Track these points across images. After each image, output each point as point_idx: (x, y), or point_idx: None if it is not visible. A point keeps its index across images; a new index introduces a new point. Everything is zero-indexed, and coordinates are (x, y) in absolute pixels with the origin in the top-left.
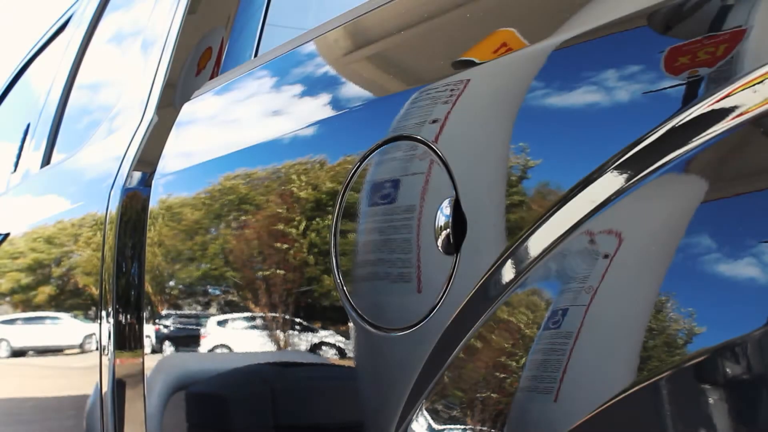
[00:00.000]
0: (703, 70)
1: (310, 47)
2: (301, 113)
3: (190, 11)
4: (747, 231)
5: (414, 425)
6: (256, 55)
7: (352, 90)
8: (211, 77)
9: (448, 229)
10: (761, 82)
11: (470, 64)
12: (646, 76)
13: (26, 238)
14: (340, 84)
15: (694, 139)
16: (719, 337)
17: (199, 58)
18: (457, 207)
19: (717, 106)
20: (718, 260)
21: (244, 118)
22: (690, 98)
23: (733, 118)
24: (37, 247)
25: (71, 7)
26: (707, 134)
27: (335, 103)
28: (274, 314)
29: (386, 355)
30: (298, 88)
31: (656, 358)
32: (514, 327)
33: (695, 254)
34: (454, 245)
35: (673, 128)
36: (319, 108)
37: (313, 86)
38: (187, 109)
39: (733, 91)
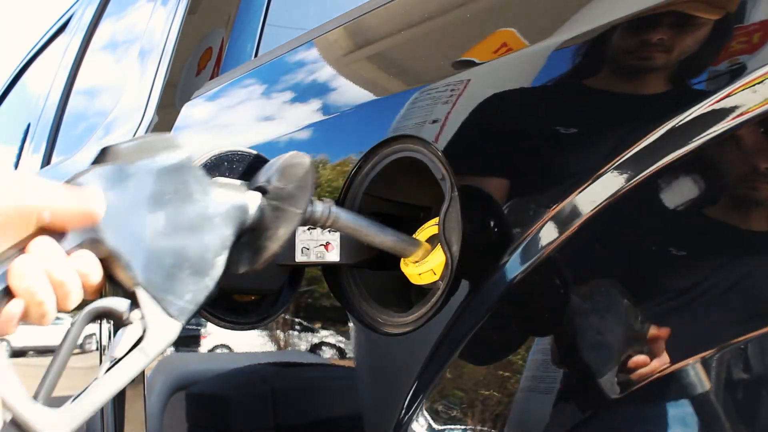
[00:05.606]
0: (703, 70)
1: (311, 47)
2: (301, 113)
3: (190, 12)
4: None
5: (414, 425)
6: (256, 55)
7: (352, 90)
8: (212, 77)
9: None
10: (761, 82)
11: (470, 64)
12: (646, 76)
13: None
14: (339, 84)
15: (694, 139)
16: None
17: (200, 59)
18: (457, 207)
19: (717, 106)
20: (715, 261)
21: (244, 118)
22: (690, 98)
23: (734, 118)
24: None
25: (71, 7)
26: (707, 134)
27: (335, 103)
28: None
29: (386, 355)
30: (299, 88)
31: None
32: (515, 327)
33: (695, 254)
34: (454, 246)
35: (673, 128)
36: (319, 108)
37: (313, 86)
38: (188, 110)
39: (734, 91)
